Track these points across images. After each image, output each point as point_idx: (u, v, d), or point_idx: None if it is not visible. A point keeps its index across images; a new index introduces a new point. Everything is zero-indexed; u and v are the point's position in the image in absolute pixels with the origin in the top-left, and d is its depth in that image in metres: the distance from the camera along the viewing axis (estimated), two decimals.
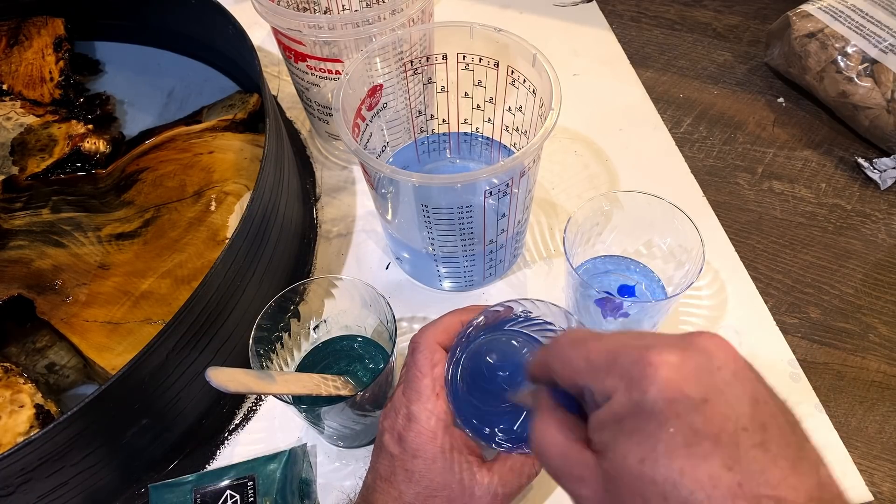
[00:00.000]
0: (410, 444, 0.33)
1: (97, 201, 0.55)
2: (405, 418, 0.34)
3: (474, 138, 0.52)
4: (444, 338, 0.35)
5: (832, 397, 0.46)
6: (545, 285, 0.51)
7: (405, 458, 0.33)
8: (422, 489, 0.33)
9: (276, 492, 0.38)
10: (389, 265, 0.53)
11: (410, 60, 0.46)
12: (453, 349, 0.34)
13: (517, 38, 0.42)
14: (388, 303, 0.39)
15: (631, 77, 0.67)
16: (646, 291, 0.46)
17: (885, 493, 0.42)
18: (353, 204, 0.58)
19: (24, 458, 0.34)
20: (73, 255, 0.51)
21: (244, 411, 0.46)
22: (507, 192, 0.41)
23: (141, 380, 0.37)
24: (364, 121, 0.46)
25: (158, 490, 0.39)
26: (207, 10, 0.59)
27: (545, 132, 0.38)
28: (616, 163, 0.59)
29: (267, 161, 0.45)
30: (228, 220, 0.51)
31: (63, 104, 0.62)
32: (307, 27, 0.45)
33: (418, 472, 0.33)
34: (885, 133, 0.57)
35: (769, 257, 0.53)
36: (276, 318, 0.41)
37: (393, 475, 0.34)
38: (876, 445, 0.44)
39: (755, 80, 0.67)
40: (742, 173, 0.59)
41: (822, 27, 0.60)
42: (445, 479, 0.33)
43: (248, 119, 0.60)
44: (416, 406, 0.33)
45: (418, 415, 0.33)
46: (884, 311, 0.50)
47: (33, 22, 0.66)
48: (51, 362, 0.46)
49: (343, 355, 0.45)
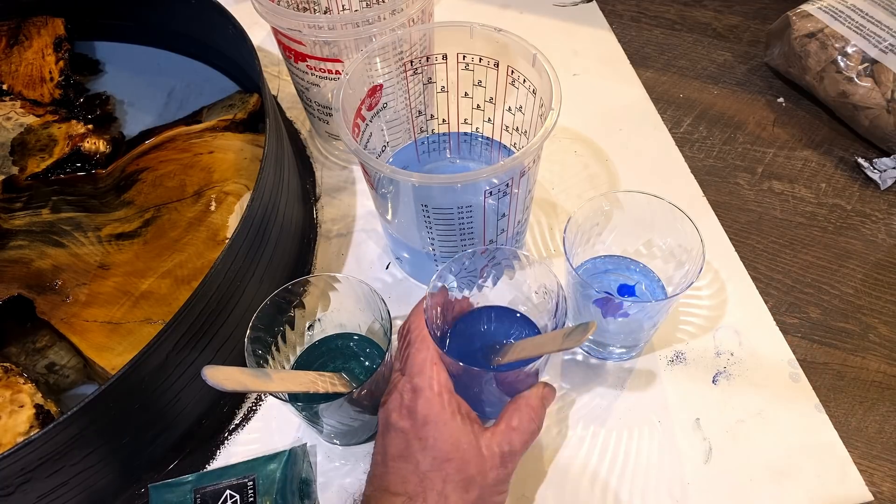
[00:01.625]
0: (420, 412, 0.35)
1: (97, 201, 0.55)
2: (411, 392, 0.36)
3: (474, 138, 0.52)
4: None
5: (832, 397, 0.46)
6: None
7: (417, 428, 0.35)
8: (437, 453, 0.34)
9: (276, 492, 0.38)
10: (389, 265, 0.53)
11: (410, 60, 0.46)
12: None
13: (517, 38, 0.42)
14: (383, 299, 0.39)
15: (631, 77, 0.67)
16: (646, 291, 0.46)
17: (885, 493, 0.42)
18: (353, 204, 0.58)
19: (24, 458, 0.34)
20: (73, 255, 0.51)
21: (244, 411, 0.46)
22: (507, 192, 0.41)
23: (141, 380, 0.37)
24: (364, 121, 0.46)
25: (158, 490, 0.39)
26: (207, 10, 0.59)
27: (545, 132, 0.38)
28: (616, 163, 0.59)
29: (267, 161, 0.45)
30: (228, 220, 0.51)
31: (63, 104, 0.62)
32: (307, 27, 0.45)
33: (432, 437, 0.34)
34: (885, 133, 0.57)
35: (769, 257, 0.53)
36: (272, 318, 0.41)
37: (407, 448, 0.35)
38: (876, 445, 0.44)
39: (755, 80, 0.67)
40: (742, 173, 0.59)
41: (822, 27, 0.60)
42: (458, 440, 0.34)
43: (248, 119, 0.60)
44: (420, 378, 0.36)
45: (423, 385, 0.36)
46: (884, 311, 0.50)
47: (33, 22, 0.66)
48: (51, 362, 0.46)
49: (339, 353, 0.45)
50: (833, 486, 0.41)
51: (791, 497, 0.41)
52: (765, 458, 0.42)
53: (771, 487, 0.41)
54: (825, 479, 0.42)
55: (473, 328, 0.44)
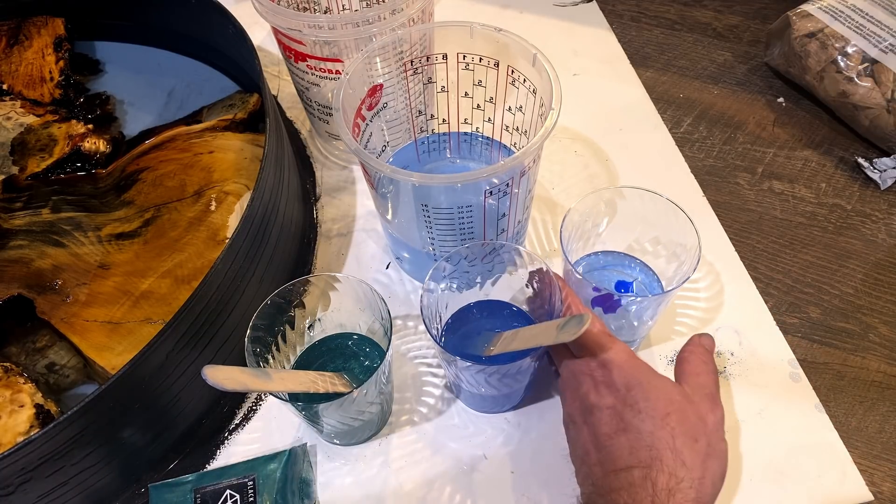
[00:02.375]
0: (620, 382, 0.34)
1: (97, 201, 0.55)
2: (599, 367, 0.36)
3: (474, 138, 0.52)
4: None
5: (832, 397, 0.46)
6: None
7: (623, 397, 0.34)
8: (654, 412, 0.33)
9: (276, 491, 0.38)
10: (389, 265, 0.53)
11: (410, 60, 0.46)
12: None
13: (517, 38, 0.42)
14: (383, 299, 0.39)
15: (631, 77, 0.67)
16: (643, 287, 0.46)
17: (885, 493, 0.42)
18: (353, 204, 0.58)
19: (24, 458, 0.34)
20: (73, 254, 0.51)
21: (244, 411, 0.46)
22: (508, 192, 0.41)
23: (141, 380, 0.37)
24: (364, 121, 0.46)
25: (158, 490, 0.39)
26: (207, 10, 0.59)
27: (545, 132, 0.38)
28: (616, 162, 0.59)
29: (267, 161, 0.45)
30: (228, 219, 0.51)
31: (63, 104, 0.62)
32: (307, 27, 0.45)
33: (642, 400, 0.34)
34: (885, 133, 0.57)
35: (769, 257, 0.53)
36: (272, 318, 0.41)
37: (621, 420, 0.34)
38: (876, 445, 0.44)
39: (755, 80, 0.67)
40: (742, 173, 0.59)
41: (822, 27, 0.60)
42: (668, 393, 0.34)
43: (248, 119, 0.60)
44: (603, 353, 0.36)
45: (611, 357, 0.35)
46: (884, 311, 0.50)
47: (33, 22, 0.66)
48: (51, 362, 0.46)
49: (339, 353, 0.45)
50: (833, 486, 0.41)
51: (791, 497, 0.41)
52: (765, 458, 0.42)
53: (771, 487, 0.41)
54: (825, 479, 0.42)
55: (469, 321, 0.45)
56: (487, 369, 0.38)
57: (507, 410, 0.45)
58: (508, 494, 0.42)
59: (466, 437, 0.44)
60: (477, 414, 0.45)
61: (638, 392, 0.34)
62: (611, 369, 0.35)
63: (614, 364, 0.35)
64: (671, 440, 0.32)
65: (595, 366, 0.36)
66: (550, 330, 0.34)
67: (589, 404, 0.35)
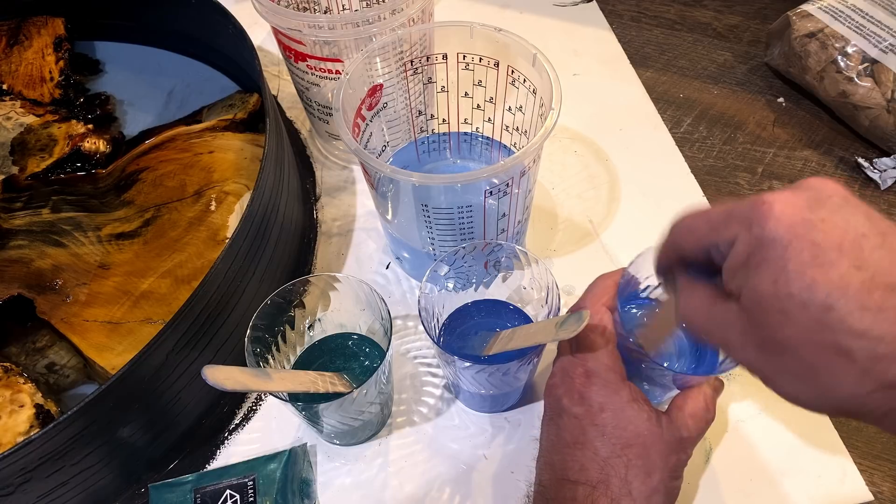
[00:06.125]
0: (595, 399, 0.34)
1: (97, 201, 0.55)
2: (583, 376, 0.34)
3: (474, 138, 0.52)
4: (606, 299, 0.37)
5: None
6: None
7: (593, 414, 0.33)
8: (616, 440, 0.33)
9: (276, 492, 0.38)
10: (389, 265, 0.53)
11: (410, 60, 0.46)
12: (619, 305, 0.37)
13: (517, 38, 0.42)
14: (383, 299, 0.39)
15: (631, 77, 0.67)
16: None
17: (885, 493, 0.42)
18: (353, 204, 0.58)
19: (24, 458, 0.34)
20: (73, 254, 0.51)
21: (244, 411, 0.46)
22: (508, 192, 0.41)
23: (141, 380, 0.37)
24: (364, 121, 0.46)
25: (158, 490, 0.39)
26: (207, 10, 0.59)
27: (545, 132, 0.38)
28: (616, 163, 0.59)
29: (267, 161, 0.45)
30: (228, 219, 0.51)
31: (63, 104, 0.62)
32: (307, 27, 0.45)
33: (610, 425, 0.33)
34: (885, 133, 0.57)
35: None
36: (272, 318, 0.41)
37: (583, 435, 0.33)
38: (876, 445, 0.44)
39: (755, 80, 0.67)
40: (742, 173, 0.59)
41: (822, 27, 0.60)
42: (637, 427, 0.33)
43: (248, 119, 0.60)
44: (593, 362, 0.34)
45: (597, 369, 0.34)
46: None
47: (33, 22, 0.66)
48: (51, 362, 0.46)
49: (339, 353, 0.45)
50: (833, 486, 0.41)
51: (791, 497, 0.41)
52: (765, 458, 0.42)
53: (771, 487, 0.41)
54: (825, 479, 0.42)
55: (467, 321, 0.45)
56: (487, 368, 0.38)
57: (507, 410, 0.45)
58: (508, 494, 0.42)
59: (466, 438, 0.44)
60: (476, 414, 0.45)
61: (609, 416, 0.33)
62: (592, 382, 0.34)
63: (597, 378, 0.34)
64: (623, 470, 0.32)
65: (580, 372, 0.35)
66: (549, 328, 0.34)
67: (562, 405, 0.35)
